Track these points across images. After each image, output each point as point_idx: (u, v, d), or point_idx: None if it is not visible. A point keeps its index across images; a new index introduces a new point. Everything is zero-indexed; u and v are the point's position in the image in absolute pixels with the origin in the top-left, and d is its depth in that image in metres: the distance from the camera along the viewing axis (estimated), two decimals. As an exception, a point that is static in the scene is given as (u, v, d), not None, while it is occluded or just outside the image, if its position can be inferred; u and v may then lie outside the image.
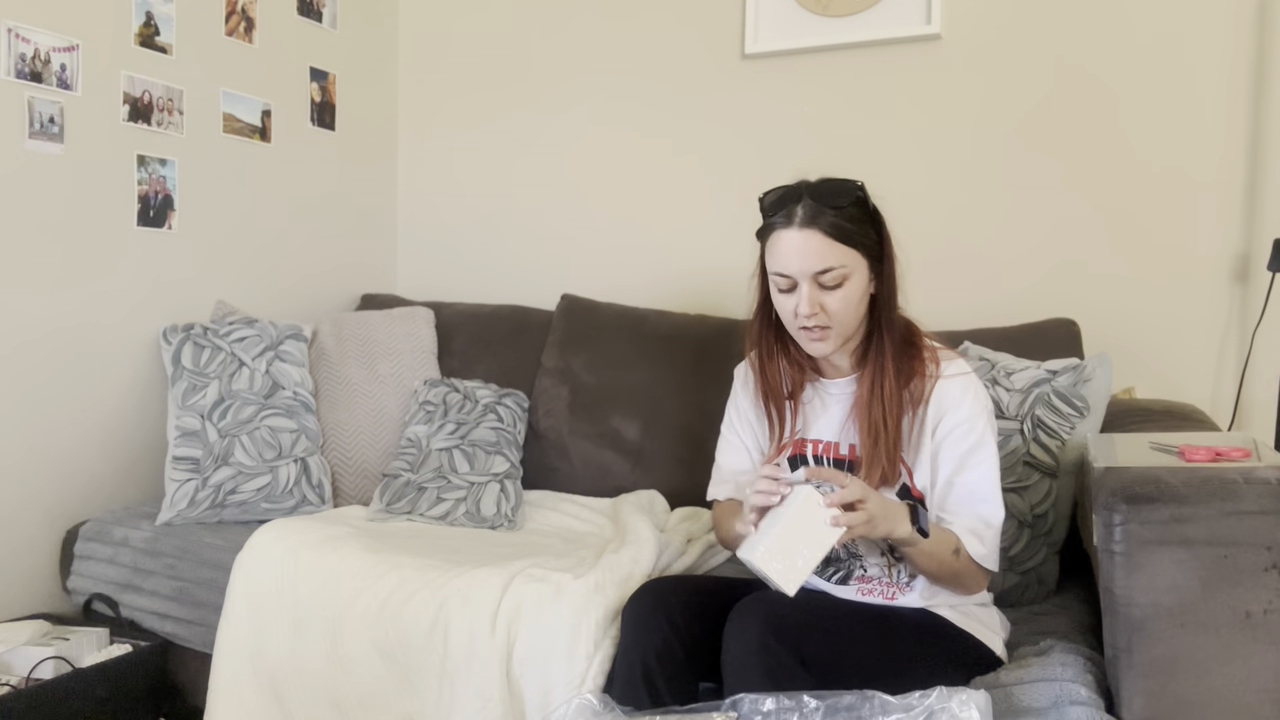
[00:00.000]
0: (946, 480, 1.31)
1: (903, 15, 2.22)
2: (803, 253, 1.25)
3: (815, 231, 1.25)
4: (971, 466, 1.30)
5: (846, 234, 1.26)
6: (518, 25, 2.69)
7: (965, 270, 2.19)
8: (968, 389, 1.32)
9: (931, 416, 1.32)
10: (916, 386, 1.32)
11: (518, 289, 2.66)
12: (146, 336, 2.15)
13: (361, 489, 2.13)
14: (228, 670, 1.65)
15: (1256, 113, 1.95)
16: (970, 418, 1.31)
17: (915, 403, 1.32)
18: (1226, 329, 1.99)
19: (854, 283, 1.28)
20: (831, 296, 1.27)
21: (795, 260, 1.26)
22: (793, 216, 1.26)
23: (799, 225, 1.25)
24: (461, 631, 1.48)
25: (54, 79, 1.93)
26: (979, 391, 1.33)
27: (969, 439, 1.30)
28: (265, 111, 2.42)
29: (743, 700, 1.08)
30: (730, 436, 1.53)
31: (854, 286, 1.28)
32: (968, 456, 1.30)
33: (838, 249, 1.26)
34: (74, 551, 1.94)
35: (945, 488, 1.31)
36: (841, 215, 1.26)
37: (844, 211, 1.26)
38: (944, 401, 1.32)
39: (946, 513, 1.31)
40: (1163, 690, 1.13)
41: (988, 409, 1.33)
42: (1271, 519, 1.10)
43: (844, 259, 1.26)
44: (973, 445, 1.30)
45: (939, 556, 1.27)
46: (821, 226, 1.25)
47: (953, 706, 1.03)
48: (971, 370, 1.35)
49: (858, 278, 1.28)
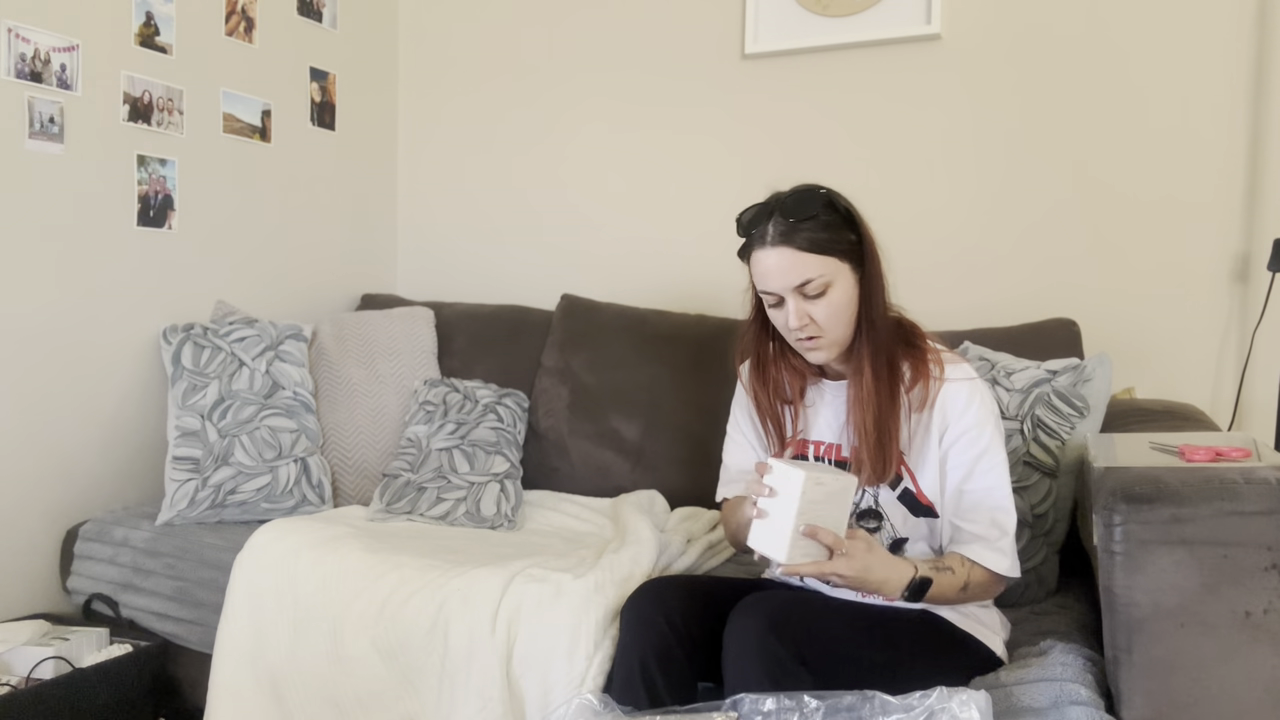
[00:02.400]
0: (956, 488, 1.32)
1: (903, 15, 2.21)
2: (780, 269, 1.27)
3: (787, 248, 1.26)
4: (981, 473, 1.30)
5: (819, 244, 1.26)
6: (517, 24, 2.69)
7: (965, 270, 2.19)
8: (974, 394, 1.32)
9: (937, 422, 1.32)
10: (920, 389, 1.32)
11: (518, 289, 2.66)
12: (146, 336, 2.15)
13: (361, 489, 2.13)
14: (228, 670, 1.65)
15: (1257, 114, 1.95)
16: (978, 423, 1.31)
17: (919, 406, 1.32)
18: (1226, 329, 1.99)
19: (838, 289, 1.28)
20: (817, 306, 1.28)
21: (775, 278, 1.28)
22: (765, 235, 1.27)
23: (771, 243, 1.27)
24: (461, 631, 1.48)
25: (54, 79, 1.93)
26: (985, 396, 1.33)
27: (977, 445, 1.30)
28: (265, 111, 2.42)
29: (743, 700, 1.08)
30: (736, 436, 1.53)
31: (839, 292, 1.28)
32: (976, 463, 1.30)
33: (813, 260, 1.26)
34: (74, 551, 1.94)
35: (956, 495, 1.32)
36: (814, 225, 1.26)
37: (815, 221, 1.26)
38: (949, 408, 1.31)
39: (959, 519, 1.32)
40: (1163, 690, 1.13)
41: (994, 414, 1.33)
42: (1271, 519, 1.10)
43: (821, 269, 1.26)
44: (981, 451, 1.30)
45: (944, 599, 1.29)
46: (793, 242, 1.26)
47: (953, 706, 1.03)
48: (976, 375, 1.35)
49: (841, 283, 1.28)
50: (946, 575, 1.28)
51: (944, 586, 1.27)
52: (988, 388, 1.35)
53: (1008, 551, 1.30)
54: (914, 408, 1.32)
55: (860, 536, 1.23)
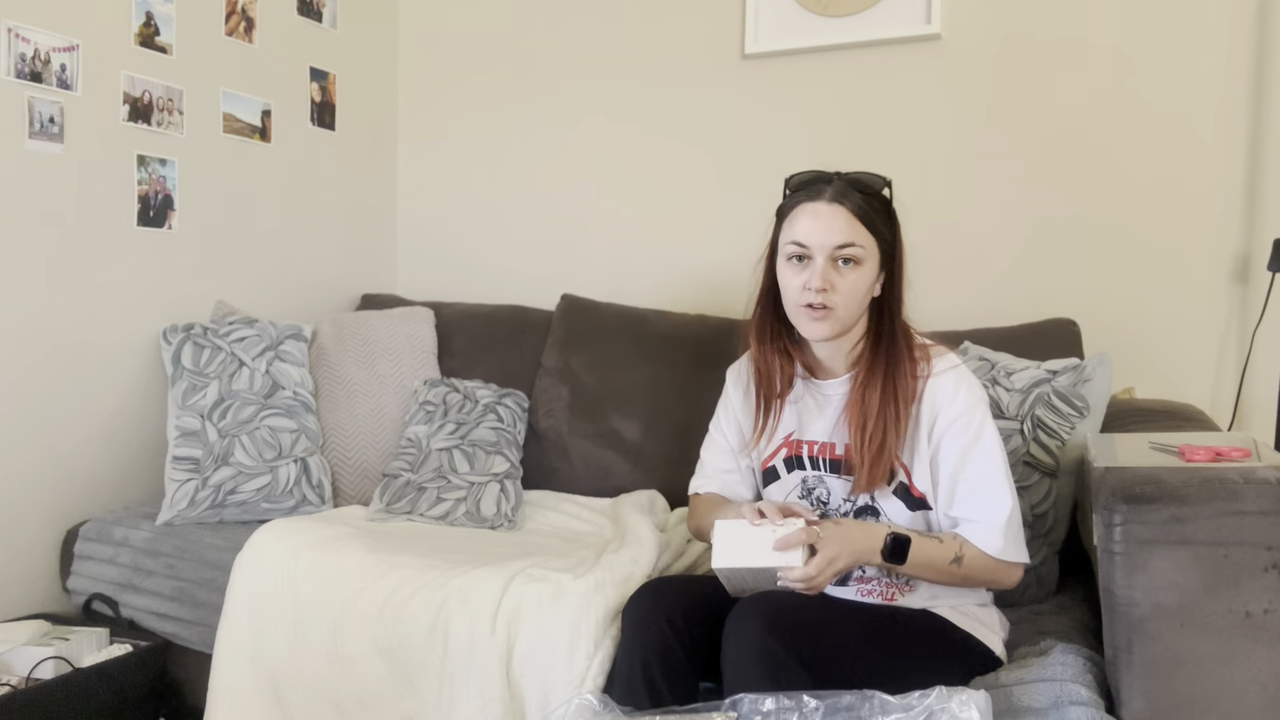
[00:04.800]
0: (950, 477, 1.31)
1: (903, 15, 2.22)
2: (828, 224, 1.28)
3: (842, 207, 1.29)
4: (973, 460, 1.30)
5: (870, 218, 1.30)
6: (518, 25, 2.69)
7: (965, 270, 2.19)
8: (960, 382, 1.32)
9: (926, 415, 1.32)
10: (908, 385, 1.32)
11: (518, 289, 2.66)
12: (146, 336, 2.15)
13: (361, 489, 2.13)
14: (228, 670, 1.65)
15: (1257, 113, 1.95)
16: (966, 410, 1.30)
17: (907, 401, 1.32)
18: (1226, 329, 1.99)
19: (866, 269, 1.30)
20: (844, 277, 1.29)
21: (819, 231, 1.29)
22: (821, 193, 1.31)
23: (828, 199, 1.30)
24: (461, 631, 1.48)
25: (54, 79, 1.93)
26: (971, 383, 1.33)
27: (967, 432, 1.30)
28: (265, 111, 2.42)
29: (743, 700, 1.08)
30: (717, 436, 1.54)
31: (865, 273, 1.30)
32: (969, 450, 1.30)
33: (860, 229, 1.29)
34: (74, 551, 1.94)
35: (951, 485, 1.31)
36: (870, 200, 1.31)
37: (872, 197, 1.31)
38: (937, 398, 1.32)
39: (955, 511, 1.31)
40: (1163, 690, 1.13)
41: (982, 399, 1.33)
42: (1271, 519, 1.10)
43: (864, 240, 1.29)
44: (972, 438, 1.30)
45: (935, 568, 1.28)
46: (849, 205, 1.29)
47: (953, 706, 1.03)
48: (961, 362, 1.35)
49: (869, 265, 1.31)
50: (932, 542, 1.28)
51: (931, 554, 1.27)
52: (971, 373, 1.35)
53: (1004, 534, 1.28)
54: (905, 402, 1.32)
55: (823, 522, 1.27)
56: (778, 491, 1.44)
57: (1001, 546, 1.28)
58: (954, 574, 1.29)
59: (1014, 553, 1.29)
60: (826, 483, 1.39)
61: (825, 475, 1.39)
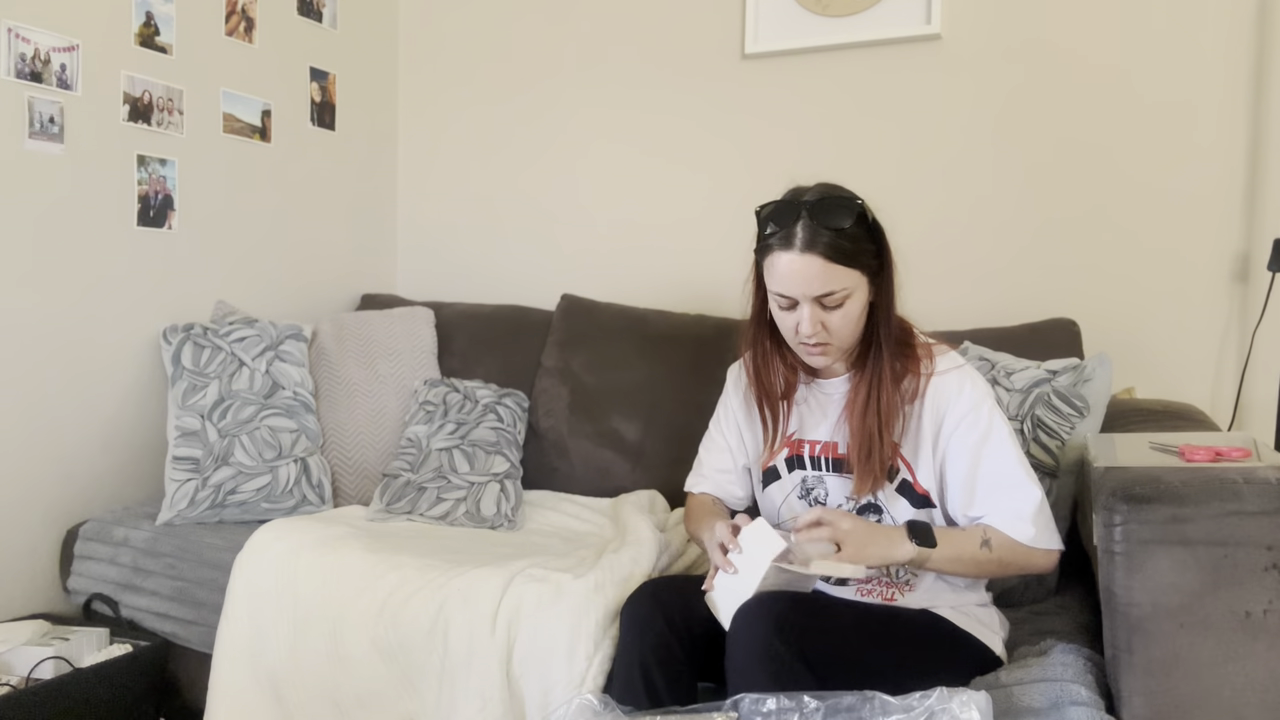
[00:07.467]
0: (967, 476, 1.29)
1: (903, 15, 2.22)
2: (804, 277, 1.23)
3: (815, 256, 1.22)
4: (987, 456, 1.28)
5: (847, 255, 1.23)
6: (518, 24, 2.69)
7: (965, 270, 2.19)
8: (964, 380, 1.31)
9: (931, 415, 1.31)
10: (910, 384, 1.32)
11: (518, 289, 2.66)
12: (146, 336, 2.15)
13: (361, 489, 2.13)
14: (228, 670, 1.65)
15: (1257, 113, 1.95)
16: (974, 407, 1.29)
17: (908, 399, 1.32)
18: (1226, 329, 1.99)
19: (855, 300, 1.27)
20: (833, 316, 1.27)
21: (796, 284, 1.24)
22: (791, 239, 1.23)
23: (799, 249, 1.22)
24: (461, 632, 1.48)
25: (54, 79, 1.93)
26: (976, 379, 1.32)
27: (977, 429, 1.29)
28: (265, 111, 2.42)
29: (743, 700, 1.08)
30: (716, 435, 1.55)
31: (855, 304, 1.27)
32: (981, 447, 1.29)
33: (838, 272, 1.23)
34: (74, 551, 1.94)
35: (968, 484, 1.29)
36: (842, 236, 1.22)
37: (844, 232, 1.23)
38: (942, 398, 1.31)
39: (976, 510, 1.30)
40: (1163, 690, 1.13)
41: (988, 394, 1.32)
42: (1271, 519, 1.10)
43: (845, 281, 1.24)
44: (983, 434, 1.29)
45: (966, 557, 1.26)
46: (821, 250, 1.22)
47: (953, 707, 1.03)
48: (964, 361, 1.35)
49: (858, 295, 1.27)
50: (953, 530, 1.28)
51: (956, 540, 1.26)
52: (975, 371, 1.35)
53: (1034, 522, 1.26)
54: (905, 400, 1.32)
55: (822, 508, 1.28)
56: (777, 491, 1.44)
57: (1034, 535, 1.26)
58: (987, 559, 1.26)
59: (1047, 540, 1.27)
60: (826, 483, 1.39)
61: (826, 475, 1.39)
